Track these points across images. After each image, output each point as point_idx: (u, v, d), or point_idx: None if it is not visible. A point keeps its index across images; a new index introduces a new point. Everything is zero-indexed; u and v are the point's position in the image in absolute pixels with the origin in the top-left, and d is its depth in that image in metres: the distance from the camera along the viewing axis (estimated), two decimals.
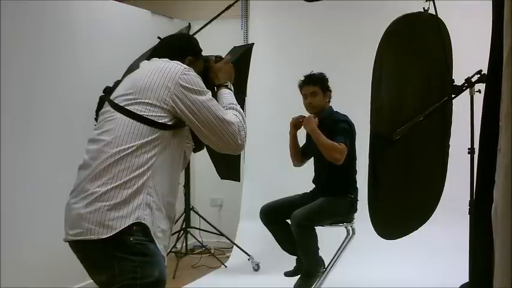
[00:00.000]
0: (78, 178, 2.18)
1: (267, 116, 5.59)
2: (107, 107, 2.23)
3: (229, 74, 2.45)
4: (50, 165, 4.07)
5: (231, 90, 2.41)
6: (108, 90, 2.30)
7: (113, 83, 2.35)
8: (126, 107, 2.15)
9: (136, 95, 2.16)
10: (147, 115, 2.13)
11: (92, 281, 2.22)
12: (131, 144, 2.11)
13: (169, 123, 2.16)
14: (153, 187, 2.13)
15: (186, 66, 2.22)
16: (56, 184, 3.80)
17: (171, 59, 2.27)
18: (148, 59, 2.35)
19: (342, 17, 5.50)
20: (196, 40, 2.49)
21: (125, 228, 2.07)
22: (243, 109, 2.38)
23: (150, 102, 2.13)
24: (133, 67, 2.91)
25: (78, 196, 2.13)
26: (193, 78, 2.19)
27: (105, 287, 2.14)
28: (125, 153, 2.10)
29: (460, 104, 3.56)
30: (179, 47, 2.39)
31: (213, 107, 2.19)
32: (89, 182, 2.12)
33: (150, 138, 2.13)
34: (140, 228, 2.10)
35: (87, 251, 2.13)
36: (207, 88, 2.24)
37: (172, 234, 2.42)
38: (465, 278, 3.31)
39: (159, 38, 2.66)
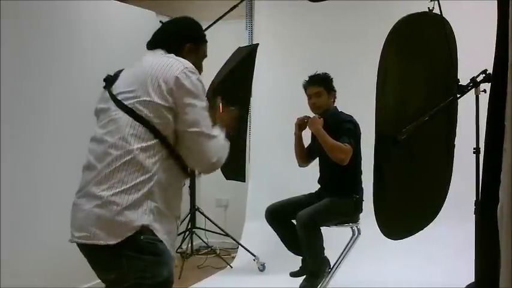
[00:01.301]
0: (84, 179, 2.16)
1: (272, 116, 5.59)
2: (109, 103, 2.19)
3: (227, 124, 2.38)
4: (53, 164, 4.07)
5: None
6: (110, 80, 2.27)
7: (113, 73, 2.32)
8: (130, 106, 2.12)
9: (138, 92, 2.13)
10: (152, 121, 2.10)
11: (99, 281, 2.22)
12: (136, 147, 2.08)
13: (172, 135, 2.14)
14: (158, 192, 2.11)
15: (189, 66, 2.19)
16: (60, 183, 3.83)
17: (170, 45, 2.27)
18: (148, 44, 2.35)
19: (346, 17, 5.49)
20: (199, 25, 2.42)
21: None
22: (248, 109, 2.37)
23: (152, 100, 2.10)
24: None
25: (84, 198, 2.12)
26: (195, 81, 2.17)
27: (114, 285, 2.14)
28: (130, 156, 2.08)
29: (466, 104, 3.56)
30: (178, 32, 2.36)
31: (204, 115, 2.17)
32: (94, 185, 2.10)
33: (154, 141, 2.11)
34: (148, 229, 2.09)
35: (94, 252, 2.12)
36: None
37: (178, 235, 2.41)
38: (471, 278, 3.30)
39: (161, 22, 2.64)
